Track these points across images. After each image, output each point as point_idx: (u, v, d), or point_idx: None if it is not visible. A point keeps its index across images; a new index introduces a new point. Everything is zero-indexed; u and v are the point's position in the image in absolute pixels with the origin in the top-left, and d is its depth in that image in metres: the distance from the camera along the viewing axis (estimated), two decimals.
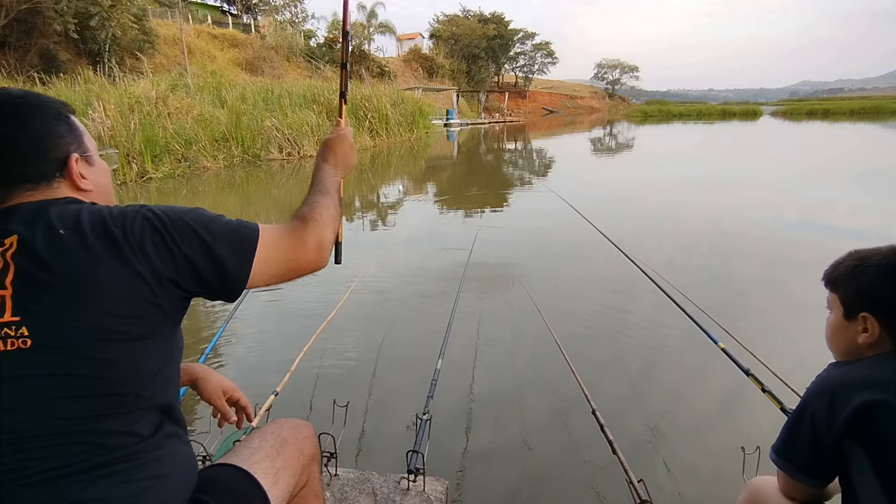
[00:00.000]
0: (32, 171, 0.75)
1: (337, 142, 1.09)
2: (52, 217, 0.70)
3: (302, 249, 0.85)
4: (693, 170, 11.95)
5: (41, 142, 0.75)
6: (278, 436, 0.91)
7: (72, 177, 0.78)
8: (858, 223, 6.18)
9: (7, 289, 0.65)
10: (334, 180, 1.02)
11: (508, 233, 5.91)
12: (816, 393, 0.84)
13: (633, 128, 32.98)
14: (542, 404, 2.48)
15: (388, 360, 2.87)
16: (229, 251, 0.76)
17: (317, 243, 0.86)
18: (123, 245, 0.69)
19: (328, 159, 1.07)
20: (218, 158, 11.44)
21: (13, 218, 0.70)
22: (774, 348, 2.79)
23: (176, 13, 22.24)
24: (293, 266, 0.84)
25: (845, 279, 0.91)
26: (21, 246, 0.67)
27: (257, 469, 0.83)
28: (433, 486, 1.55)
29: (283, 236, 0.84)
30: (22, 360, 0.64)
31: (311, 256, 0.86)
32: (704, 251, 5.10)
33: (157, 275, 0.70)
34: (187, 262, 0.73)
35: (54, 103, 0.79)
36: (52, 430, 0.64)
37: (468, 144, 21.69)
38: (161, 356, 0.74)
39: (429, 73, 41.88)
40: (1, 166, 0.73)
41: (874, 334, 0.85)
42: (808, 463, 0.86)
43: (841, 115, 42.99)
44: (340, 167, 1.08)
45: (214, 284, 0.77)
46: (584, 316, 3.53)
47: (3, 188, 0.73)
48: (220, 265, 0.76)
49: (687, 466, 2.04)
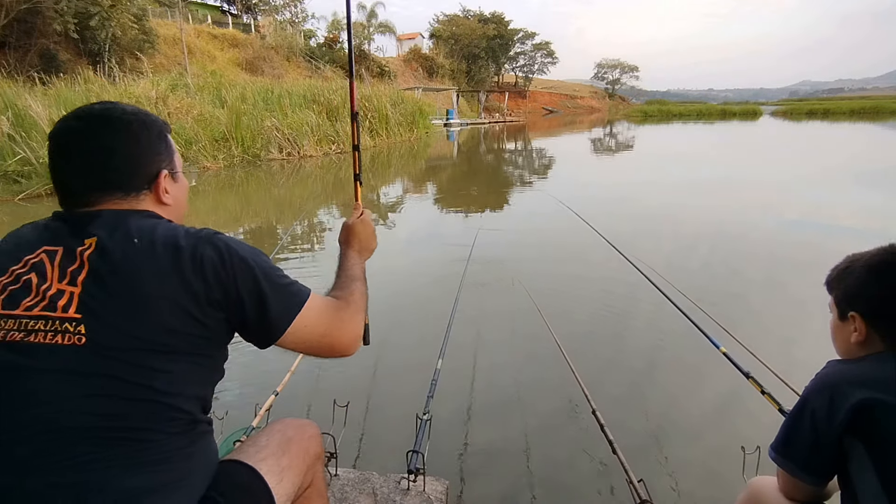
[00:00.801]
0: (126, 182, 0.81)
1: (360, 228, 1.12)
2: (132, 226, 0.75)
3: (340, 330, 0.88)
4: (693, 170, 11.95)
5: (142, 157, 0.82)
6: (284, 434, 0.92)
7: (158, 191, 0.84)
8: (858, 223, 6.18)
9: (77, 287, 0.70)
10: (361, 267, 1.06)
11: (508, 233, 5.91)
12: (816, 390, 0.85)
13: (632, 128, 32.97)
14: (543, 404, 2.48)
15: (388, 360, 2.87)
16: (277, 299, 0.80)
17: (354, 332, 0.90)
18: (187, 262, 0.73)
19: (352, 245, 1.10)
20: (218, 158, 11.43)
21: (97, 221, 0.75)
22: (774, 348, 2.79)
23: (176, 13, 22.24)
24: (326, 343, 0.87)
25: (837, 281, 0.94)
26: (99, 248, 0.72)
27: (263, 467, 0.84)
28: (433, 486, 1.56)
29: (328, 309, 0.88)
30: (73, 355, 0.67)
31: (346, 339, 0.89)
32: (704, 251, 5.09)
33: (208, 295, 0.74)
34: (237, 294, 0.77)
35: (158, 122, 0.86)
36: (89, 425, 0.66)
37: (468, 144, 21.68)
38: (202, 373, 0.78)
39: (429, 72, 41.87)
40: (102, 174, 0.79)
41: (862, 333, 0.87)
42: (808, 460, 0.86)
43: (841, 115, 42.98)
44: (364, 252, 1.11)
45: (253, 323, 0.79)
46: (584, 316, 3.53)
47: (97, 193, 0.79)
48: (265, 307, 0.79)
49: (687, 466, 2.04)
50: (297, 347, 0.85)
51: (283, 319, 0.81)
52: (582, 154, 17.94)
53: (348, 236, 1.11)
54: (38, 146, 8.08)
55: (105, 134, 0.79)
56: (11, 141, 8.01)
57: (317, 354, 0.88)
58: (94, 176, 0.78)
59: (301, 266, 4.72)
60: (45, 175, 8.11)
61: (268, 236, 6.15)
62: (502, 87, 56.20)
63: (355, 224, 1.12)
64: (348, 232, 1.11)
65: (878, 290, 0.86)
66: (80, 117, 0.80)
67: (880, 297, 0.86)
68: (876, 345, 0.87)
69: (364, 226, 1.13)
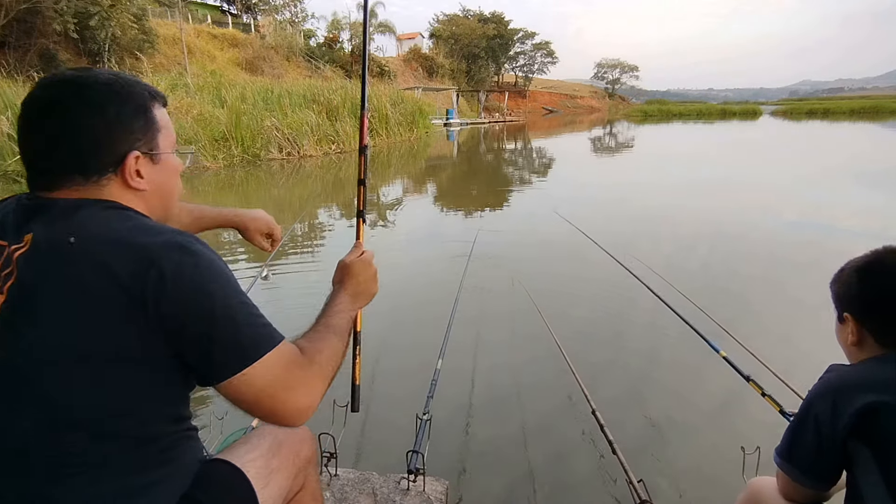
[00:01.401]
0: (86, 163, 0.68)
1: (359, 268, 0.95)
2: (76, 221, 0.64)
3: (293, 392, 0.70)
4: (693, 170, 11.95)
5: (106, 134, 0.68)
6: (275, 437, 0.91)
7: (124, 174, 0.70)
8: (857, 223, 6.18)
9: (4, 295, 0.62)
10: (348, 316, 0.88)
11: (508, 234, 5.91)
12: (819, 395, 0.85)
13: (632, 127, 32.97)
14: (543, 404, 2.48)
15: (388, 359, 2.87)
16: (230, 340, 0.66)
17: (305, 401, 0.71)
18: (130, 273, 0.61)
19: (347, 287, 0.92)
20: (218, 158, 11.43)
21: (45, 212, 0.66)
22: (774, 348, 2.78)
23: (176, 13, 22.22)
24: (269, 406, 0.69)
25: (833, 284, 0.96)
26: (32, 248, 0.63)
27: (250, 468, 0.82)
28: (433, 486, 1.56)
29: (291, 363, 0.71)
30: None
31: (291, 407, 0.70)
32: (704, 252, 5.09)
33: (148, 318, 0.62)
34: (182, 324, 0.64)
35: (142, 94, 0.73)
36: (26, 446, 0.62)
37: (468, 144, 21.68)
38: (153, 389, 0.67)
39: (429, 72, 41.85)
40: (62, 153, 0.67)
41: (855, 334, 0.89)
42: (813, 465, 0.86)
43: (840, 115, 42.99)
44: (360, 298, 0.94)
45: (194, 361, 0.67)
46: (584, 316, 3.53)
47: (57, 176, 0.68)
48: (210, 348, 0.65)
49: (687, 466, 2.04)
50: (239, 398, 0.68)
51: (226, 368, 0.66)
52: (582, 154, 17.93)
53: (344, 276, 0.94)
54: None
55: (70, 105, 0.67)
56: (11, 141, 8.01)
57: (256, 413, 0.71)
58: (54, 155, 0.67)
59: (301, 266, 4.76)
60: None
61: None
62: (502, 87, 56.19)
63: (354, 263, 0.95)
64: (344, 271, 0.94)
65: (865, 291, 0.89)
66: (48, 85, 0.69)
67: (867, 297, 0.88)
68: (871, 345, 0.88)
69: (365, 266, 0.95)
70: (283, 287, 4.08)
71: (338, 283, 0.94)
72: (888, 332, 0.85)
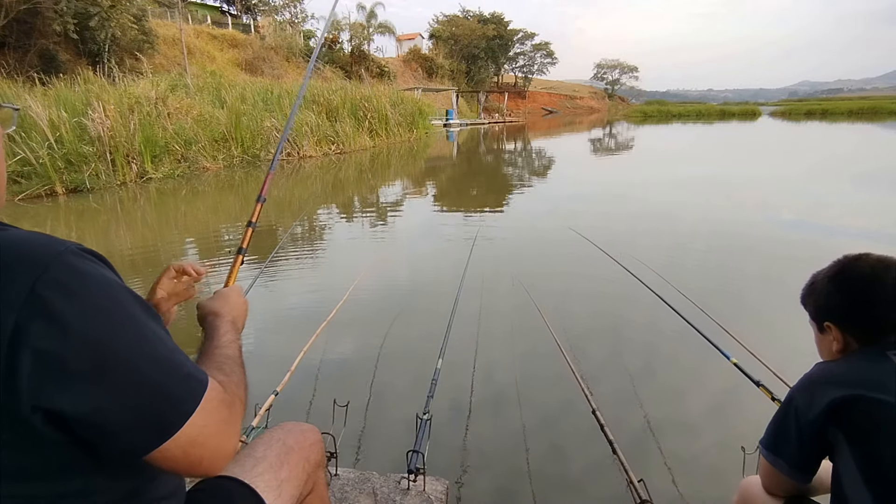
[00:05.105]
0: None
1: (235, 297, 0.89)
2: None
3: (228, 438, 0.60)
4: (693, 171, 11.94)
5: None
6: (284, 444, 0.88)
7: None
8: (856, 223, 6.18)
9: None
10: (238, 345, 0.80)
11: (508, 233, 5.91)
12: (800, 388, 0.91)
13: (632, 128, 32.97)
14: (543, 404, 2.48)
15: (388, 359, 2.87)
16: (142, 399, 0.51)
17: (233, 444, 0.62)
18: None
19: (224, 314, 0.83)
20: (218, 159, 11.44)
21: None
22: (775, 349, 2.78)
23: (175, 13, 22.23)
24: (195, 456, 0.56)
25: (806, 298, 1.01)
26: None
27: (259, 482, 0.79)
28: (433, 486, 1.56)
29: (223, 408, 0.60)
30: None
31: (222, 454, 0.59)
32: (708, 253, 5.09)
33: None
34: (60, 404, 0.47)
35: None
36: None
37: (468, 145, 21.68)
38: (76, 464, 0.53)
39: (428, 73, 41.88)
40: None
41: (839, 340, 0.93)
42: (794, 455, 0.91)
43: (839, 116, 42.99)
44: (239, 321, 0.87)
45: (87, 434, 0.50)
46: (584, 315, 3.53)
47: None
48: (104, 412, 0.49)
49: (687, 466, 2.03)
50: (167, 464, 0.55)
51: (153, 434, 0.52)
52: (582, 154, 17.93)
53: (221, 304, 0.85)
54: (38, 146, 8.09)
55: None
56: (11, 141, 7.99)
57: (183, 471, 0.58)
58: None
59: (301, 267, 4.75)
60: (45, 175, 8.13)
61: (268, 237, 6.14)
62: (502, 88, 56.20)
63: (231, 291, 0.89)
64: (222, 299, 0.86)
65: (842, 298, 0.93)
66: None
67: (845, 303, 0.93)
68: (853, 348, 0.93)
69: (239, 296, 0.90)
70: (284, 286, 4.10)
71: (212, 313, 0.84)
72: (870, 332, 0.90)
